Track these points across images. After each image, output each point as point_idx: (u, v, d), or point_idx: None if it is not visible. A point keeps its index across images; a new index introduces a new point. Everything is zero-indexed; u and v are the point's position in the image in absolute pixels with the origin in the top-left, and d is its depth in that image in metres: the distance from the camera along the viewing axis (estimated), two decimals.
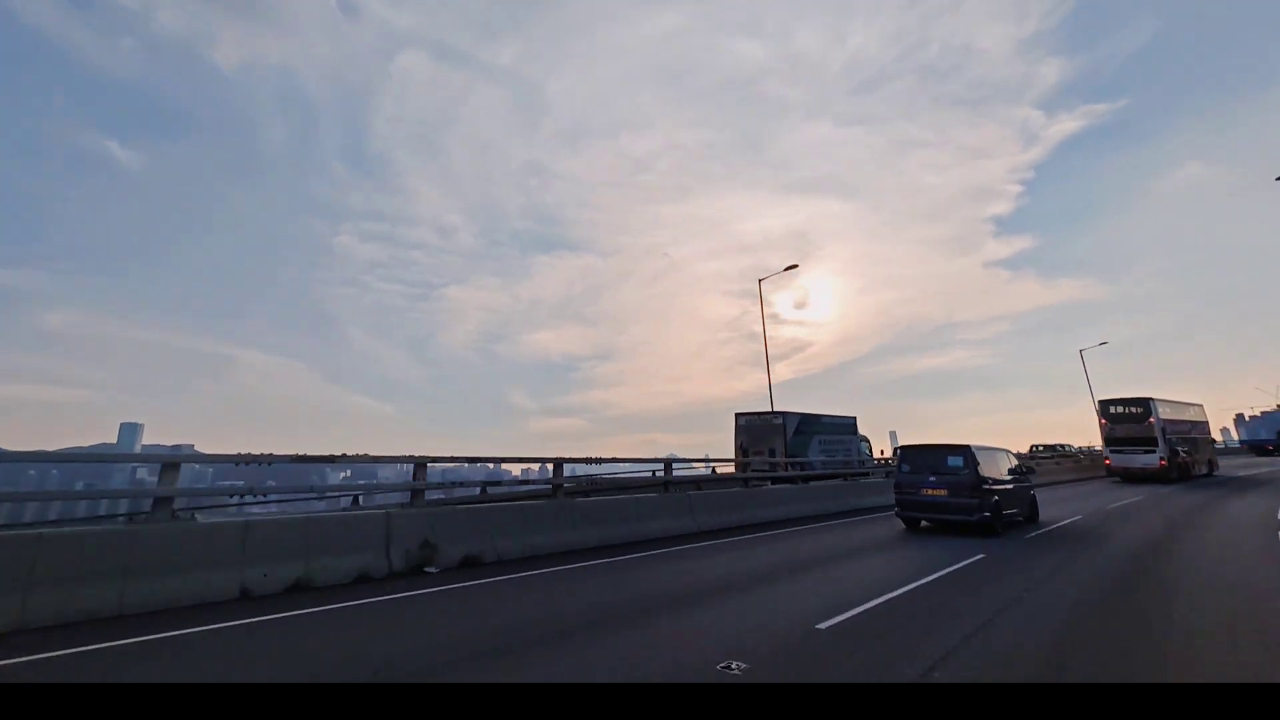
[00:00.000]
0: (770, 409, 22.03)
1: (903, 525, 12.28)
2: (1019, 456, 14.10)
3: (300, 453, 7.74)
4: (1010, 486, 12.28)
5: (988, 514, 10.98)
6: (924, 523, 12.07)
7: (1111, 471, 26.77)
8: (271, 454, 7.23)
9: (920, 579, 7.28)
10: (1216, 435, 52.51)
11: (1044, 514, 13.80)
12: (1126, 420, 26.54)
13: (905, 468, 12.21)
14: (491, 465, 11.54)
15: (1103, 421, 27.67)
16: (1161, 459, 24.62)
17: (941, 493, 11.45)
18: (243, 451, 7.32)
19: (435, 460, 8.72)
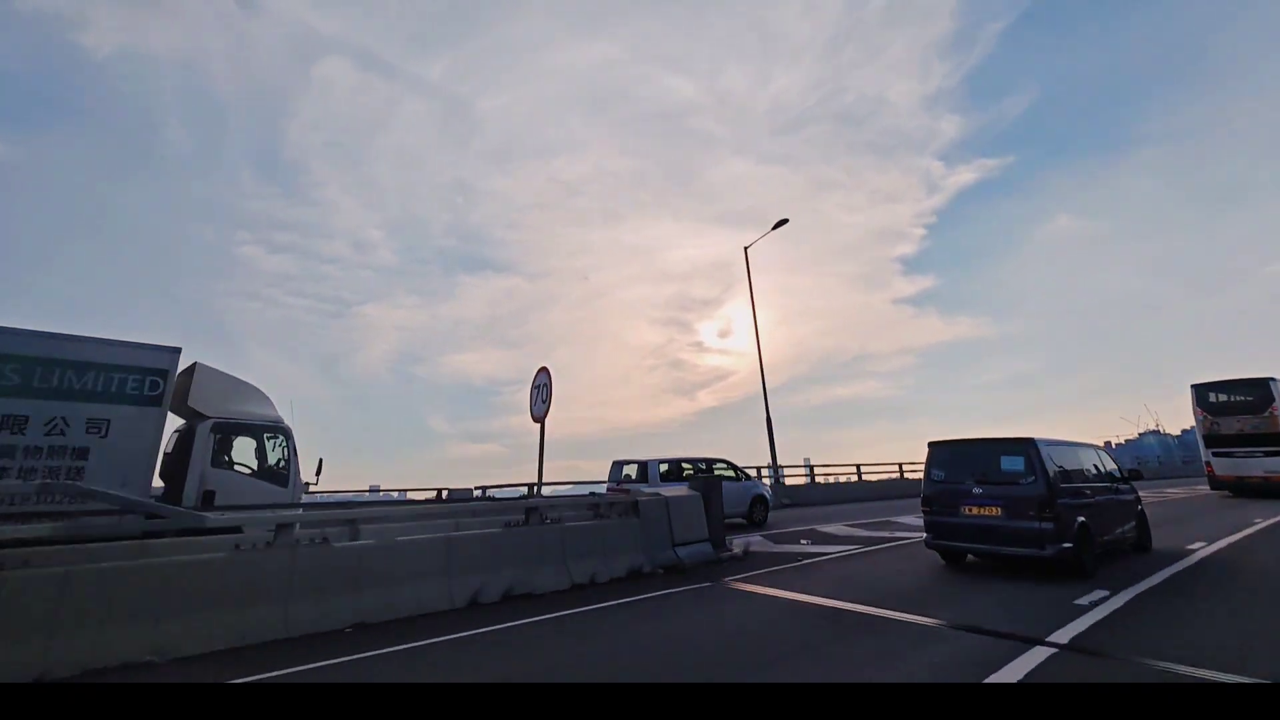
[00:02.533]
0: None
1: (940, 560, 8.31)
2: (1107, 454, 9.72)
3: None
4: (1106, 499, 8.16)
5: (1069, 545, 6.95)
6: (969, 556, 8.10)
7: (1218, 482, 20.48)
8: None
9: None
10: None
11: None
12: (1235, 411, 20.72)
13: (937, 473, 8.26)
14: None
15: (1199, 413, 21.77)
16: None
17: (993, 511, 7.47)
18: None
19: None
